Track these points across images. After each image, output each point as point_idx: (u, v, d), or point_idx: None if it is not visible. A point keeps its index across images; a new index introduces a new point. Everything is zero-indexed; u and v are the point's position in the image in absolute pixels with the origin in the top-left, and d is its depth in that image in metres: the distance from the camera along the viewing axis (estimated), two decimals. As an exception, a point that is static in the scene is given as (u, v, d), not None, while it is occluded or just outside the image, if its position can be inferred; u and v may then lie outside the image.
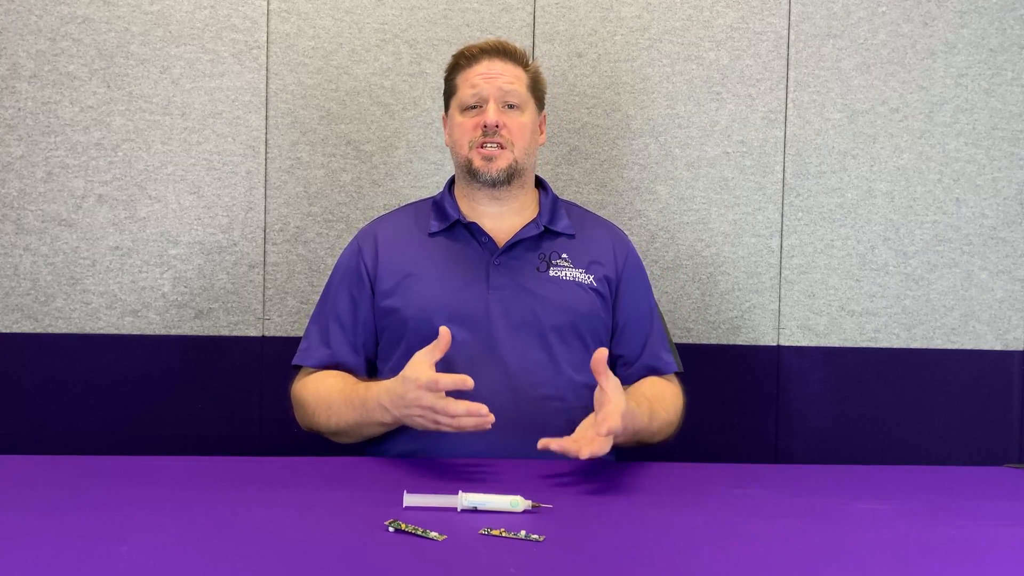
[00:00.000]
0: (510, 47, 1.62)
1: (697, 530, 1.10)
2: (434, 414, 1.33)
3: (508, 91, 1.58)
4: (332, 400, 1.50)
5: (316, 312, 1.65)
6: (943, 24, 2.13)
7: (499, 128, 1.56)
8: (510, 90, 1.58)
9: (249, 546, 0.99)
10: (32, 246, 1.99)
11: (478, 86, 1.58)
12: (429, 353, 1.35)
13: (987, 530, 1.12)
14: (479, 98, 1.58)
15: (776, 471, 1.55)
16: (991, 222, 2.14)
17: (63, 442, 1.94)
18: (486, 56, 1.60)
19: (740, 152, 2.11)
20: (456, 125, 1.61)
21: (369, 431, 1.49)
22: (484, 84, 1.58)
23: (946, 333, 2.14)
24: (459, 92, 1.61)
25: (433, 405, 1.32)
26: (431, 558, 0.96)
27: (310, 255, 2.04)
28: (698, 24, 2.10)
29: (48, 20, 1.98)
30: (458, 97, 1.61)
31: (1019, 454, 2.14)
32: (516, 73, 1.60)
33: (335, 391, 1.51)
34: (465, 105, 1.59)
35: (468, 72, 1.60)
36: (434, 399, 1.32)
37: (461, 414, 1.31)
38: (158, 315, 2.01)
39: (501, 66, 1.60)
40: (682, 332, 2.09)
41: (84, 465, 1.33)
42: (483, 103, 1.58)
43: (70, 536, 1.01)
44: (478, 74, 1.59)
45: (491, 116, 1.56)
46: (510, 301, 1.55)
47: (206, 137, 2.02)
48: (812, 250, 2.12)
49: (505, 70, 1.59)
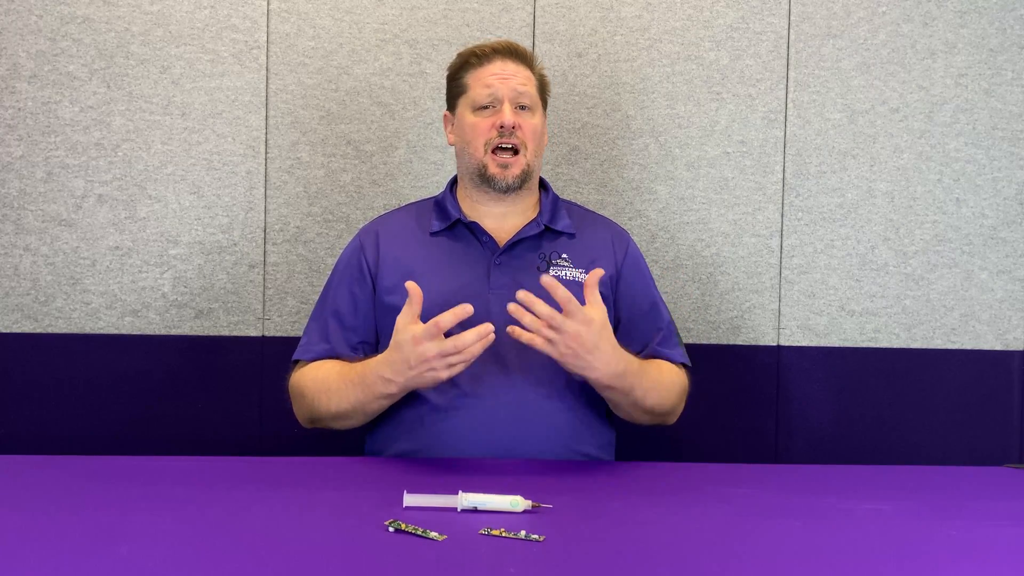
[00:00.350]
0: (521, 48, 1.63)
1: (697, 530, 1.10)
2: (443, 359, 1.33)
3: (522, 92, 1.58)
4: (330, 383, 1.49)
5: (316, 309, 1.64)
6: (943, 24, 2.13)
7: (515, 129, 1.56)
8: (523, 91, 1.58)
9: (249, 546, 0.99)
10: (32, 246, 1.99)
11: (493, 86, 1.57)
12: (408, 313, 1.35)
13: (987, 530, 1.12)
14: (494, 98, 1.57)
15: (776, 471, 1.55)
16: (991, 222, 2.14)
17: (63, 442, 1.94)
18: (499, 56, 1.60)
19: (740, 152, 2.11)
20: (469, 125, 1.59)
21: (373, 408, 1.47)
22: (499, 84, 1.57)
23: (946, 333, 2.14)
24: (471, 91, 1.60)
25: (441, 350, 1.32)
26: (431, 558, 0.96)
27: (310, 255, 2.04)
28: (698, 24, 2.10)
29: (48, 20, 1.98)
30: (470, 96, 1.60)
31: (1019, 454, 2.14)
32: (527, 75, 1.61)
33: (333, 374, 1.50)
34: (478, 105, 1.58)
35: (480, 71, 1.60)
36: (438, 345, 1.32)
37: (472, 341, 1.31)
38: (158, 315, 2.01)
39: (514, 67, 1.60)
40: (682, 332, 2.09)
41: (84, 465, 1.33)
42: (498, 103, 1.57)
43: (70, 536, 1.00)
44: (492, 74, 1.58)
45: (508, 117, 1.55)
46: (511, 300, 1.54)
47: (206, 137, 2.02)
48: (812, 250, 2.12)
49: (518, 71, 1.60)
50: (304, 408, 1.56)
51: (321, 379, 1.51)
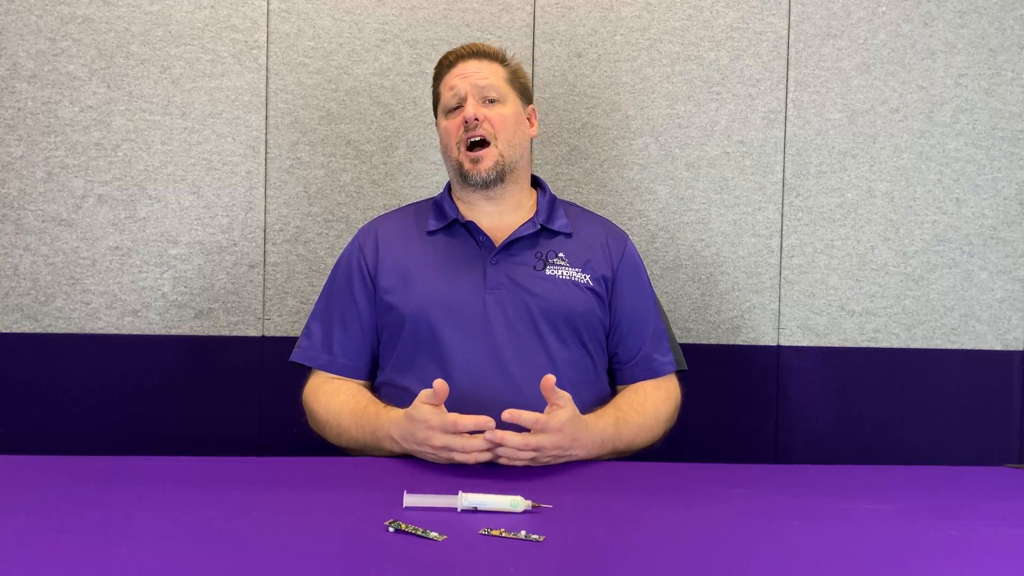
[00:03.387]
0: (484, 47, 1.67)
1: (697, 530, 1.10)
2: (448, 452, 1.34)
3: (484, 86, 1.61)
4: (342, 420, 1.52)
5: (317, 310, 1.65)
6: (943, 24, 2.13)
7: (480, 121, 1.59)
8: (485, 84, 1.61)
9: (249, 546, 0.99)
10: (32, 246, 1.99)
11: (455, 86, 1.62)
12: (430, 395, 1.35)
13: (987, 530, 1.12)
14: (458, 98, 1.62)
15: (776, 471, 1.55)
16: (991, 222, 2.14)
17: (63, 442, 1.94)
18: (460, 59, 1.65)
19: (740, 152, 2.11)
20: (443, 129, 1.65)
21: (378, 453, 1.49)
22: (460, 83, 1.62)
23: (946, 333, 2.14)
24: (442, 97, 1.66)
25: (448, 444, 1.33)
26: (431, 558, 0.96)
27: (310, 255, 2.04)
28: (698, 24, 2.10)
29: (48, 20, 1.98)
30: (442, 102, 1.66)
31: (1019, 454, 2.14)
32: (492, 69, 1.64)
33: (346, 411, 1.52)
34: (448, 108, 1.64)
35: (447, 77, 1.65)
36: (448, 439, 1.33)
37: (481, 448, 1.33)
38: (158, 315, 2.01)
39: (476, 65, 1.64)
40: (682, 332, 2.09)
41: (84, 465, 1.33)
42: (462, 102, 1.61)
43: (70, 536, 1.00)
44: (455, 76, 1.63)
45: (469, 110, 1.59)
46: (507, 300, 1.55)
47: (206, 137, 2.02)
48: (812, 250, 2.12)
49: (480, 67, 1.63)
50: (315, 426, 1.59)
51: (333, 412, 1.54)
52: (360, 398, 1.54)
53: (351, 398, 1.54)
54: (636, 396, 1.58)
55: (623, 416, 1.51)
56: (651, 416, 1.56)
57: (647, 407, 1.57)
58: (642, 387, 1.61)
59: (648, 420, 1.55)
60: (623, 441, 1.49)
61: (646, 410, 1.56)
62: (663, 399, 1.60)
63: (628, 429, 1.50)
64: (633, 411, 1.54)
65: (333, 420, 1.53)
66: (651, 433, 1.56)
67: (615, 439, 1.47)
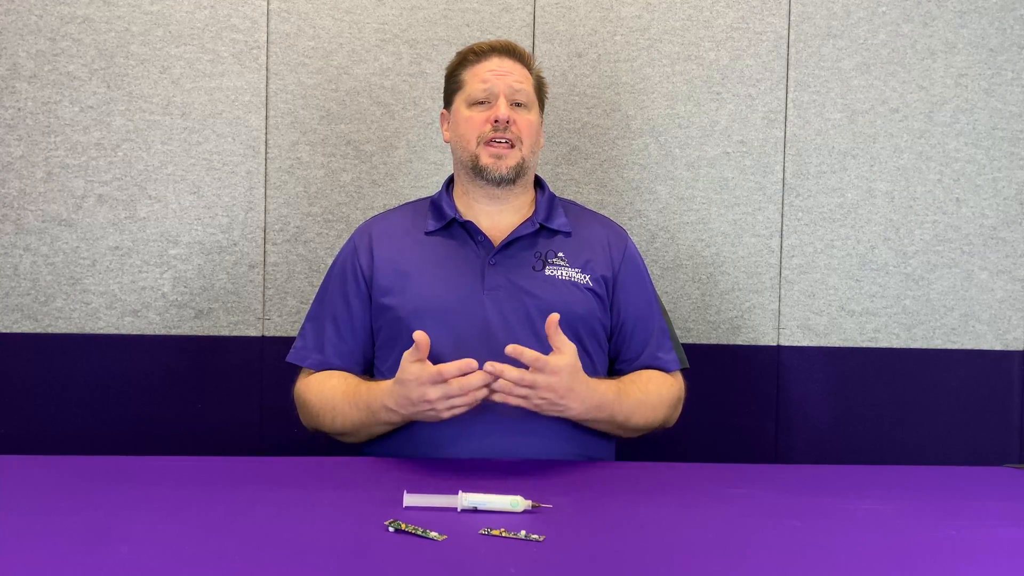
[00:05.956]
0: (519, 48, 1.64)
1: (697, 530, 1.10)
2: (447, 400, 1.34)
3: (518, 89, 1.59)
4: (336, 403, 1.51)
5: (312, 310, 1.64)
6: (943, 24, 2.13)
7: (510, 124, 1.57)
8: (520, 88, 1.59)
9: (249, 546, 0.99)
10: (32, 246, 1.99)
11: (489, 81, 1.58)
12: (413, 353, 1.35)
13: (987, 530, 1.12)
14: (490, 93, 1.58)
15: (776, 471, 1.55)
16: (991, 222, 2.14)
17: (63, 442, 1.94)
18: (496, 54, 1.61)
19: (740, 152, 2.11)
20: (463, 119, 1.60)
21: (376, 430, 1.49)
22: (495, 80, 1.58)
23: (946, 333, 2.14)
24: (467, 87, 1.61)
25: (445, 392, 1.33)
26: (431, 558, 0.96)
27: (310, 255, 2.04)
28: (698, 24, 2.10)
29: (48, 20, 1.98)
30: (466, 92, 1.61)
31: (1019, 454, 2.14)
32: (524, 73, 1.62)
33: (338, 393, 1.51)
34: (474, 100, 1.59)
35: (477, 68, 1.61)
36: (442, 388, 1.33)
37: (478, 384, 1.33)
38: (158, 315, 2.01)
39: (511, 64, 1.61)
40: (682, 332, 2.09)
41: (84, 465, 1.33)
42: (493, 99, 1.58)
43: (70, 536, 1.00)
44: (488, 70, 1.59)
45: (503, 111, 1.56)
46: (506, 301, 1.54)
47: (206, 137, 2.02)
48: (812, 250, 2.12)
49: (514, 69, 1.61)
50: (309, 419, 1.58)
51: (327, 396, 1.53)
52: (351, 379, 1.54)
53: (343, 380, 1.54)
54: (640, 376, 1.58)
55: (625, 388, 1.51)
56: (653, 395, 1.56)
57: (650, 387, 1.56)
58: (646, 372, 1.60)
59: (650, 398, 1.55)
60: (622, 412, 1.48)
61: (649, 389, 1.56)
62: (667, 384, 1.60)
63: (629, 401, 1.50)
64: (636, 387, 1.54)
65: (327, 405, 1.52)
66: (652, 413, 1.55)
67: (614, 406, 1.47)
